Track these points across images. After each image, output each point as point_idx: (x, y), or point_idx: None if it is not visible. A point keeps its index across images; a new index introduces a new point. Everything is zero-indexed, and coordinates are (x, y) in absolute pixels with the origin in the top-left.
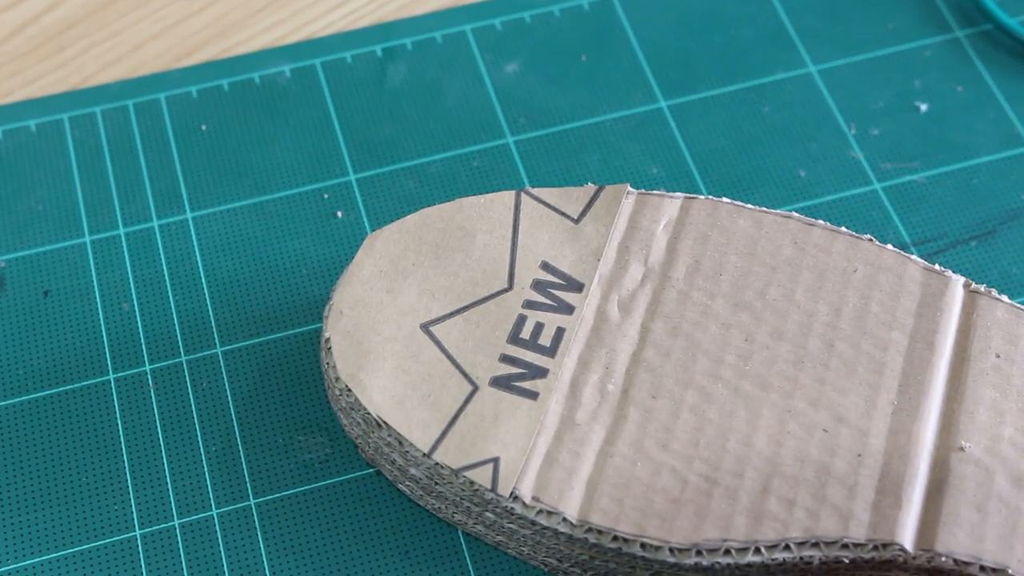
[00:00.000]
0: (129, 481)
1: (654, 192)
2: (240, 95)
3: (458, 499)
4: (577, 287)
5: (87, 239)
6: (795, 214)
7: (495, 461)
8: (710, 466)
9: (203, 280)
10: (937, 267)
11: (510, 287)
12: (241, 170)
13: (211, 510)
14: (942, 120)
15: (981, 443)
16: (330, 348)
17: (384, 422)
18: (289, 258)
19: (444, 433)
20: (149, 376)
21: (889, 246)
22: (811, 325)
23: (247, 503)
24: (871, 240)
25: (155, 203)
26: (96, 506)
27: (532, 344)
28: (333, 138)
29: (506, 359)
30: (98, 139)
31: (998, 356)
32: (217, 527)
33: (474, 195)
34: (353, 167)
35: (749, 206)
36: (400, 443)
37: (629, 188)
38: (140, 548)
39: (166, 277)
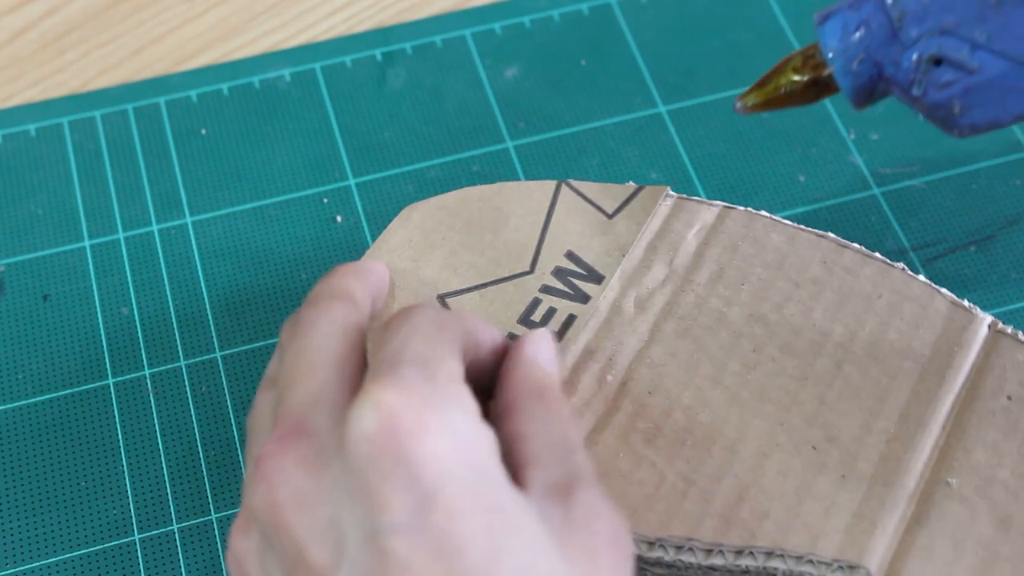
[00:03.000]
0: (128, 485)
1: (693, 198)
2: (240, 99)
3: None
4: (597, 279)
5: (87, 243)
6: (830, 234)
7: None
8: (691, 467)
9: (203, 284)
10: (965, 303)
11: (531, 270)
12: (241, 174)
13: (210, 514)
14: None
15: (972, 482)
16: None
17: None
18: (289, 262)
19: None
20: (148, 380)
21: (920, 277)
22: (823, 344)
23: None
24: (904, 269)
25: (155, 207)
26: (95, 510)
27: (541, 327)
28: (333, 142)
29: (513, 338)
30: (98, 143)
31: (1009, 398)
32: (216, 531)
33: (509, 182)
34: (353, 171)
35: (786, 222)
36: None
37: (669, 191)
38: (139, 552)
39: (166, 281)
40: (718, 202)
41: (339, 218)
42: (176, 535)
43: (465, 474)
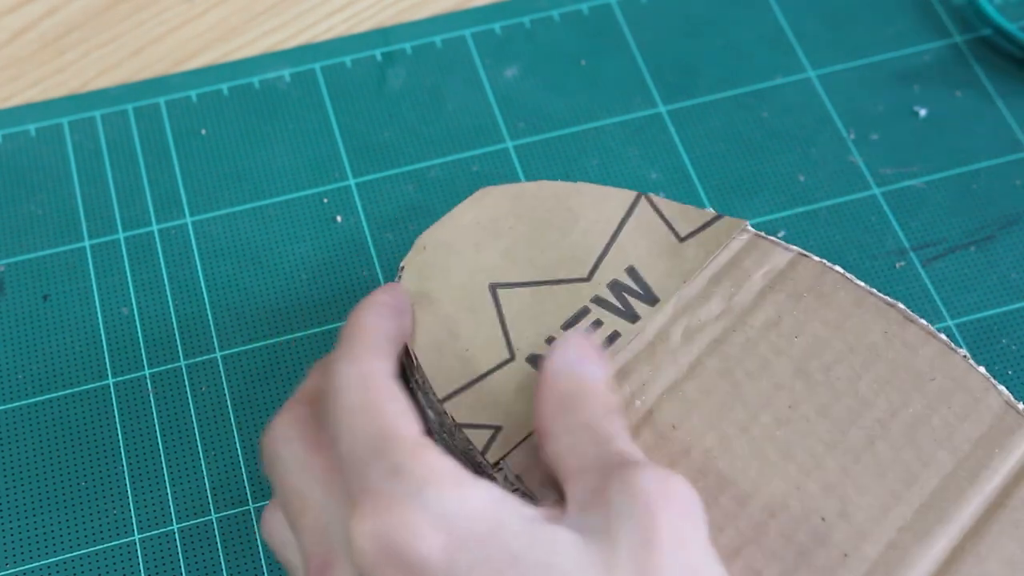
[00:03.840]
0: (128, 485)
1: (770, 238)
2: (240, 99)
3: (459, 454)
4: (652, 300)
5: (87, 243)
6: (900, 305)
7: (496, 429)
8: None
9: (203, 284)
10: (1021, 406)
11: (588, 279)
12: (241, 174)
13: (210, 514)
14: (941, 125)
15: None
16: (400, 277)
17: (416, 359)
18: (289, 262)
19: (464, 388)
20: (148, 380)
21: (981, 369)
22: (861, 415)
23: (246, 507)
24: (966, 357)
25: (155, 207)
26: (95, 510)
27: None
28: (333, 142)
29: (552, 343)
30: (98, 143)
31: None
32: (216, 531)
33: (589, 184)
34: (353, 171)
35: (858, 283)
36: (425, 382)
37: (747, 226)
38: (139, 552)
39: (165, 281)
40: (794, 247)
41: (339, 218)
42: (176, 535)
43: (469, 552)
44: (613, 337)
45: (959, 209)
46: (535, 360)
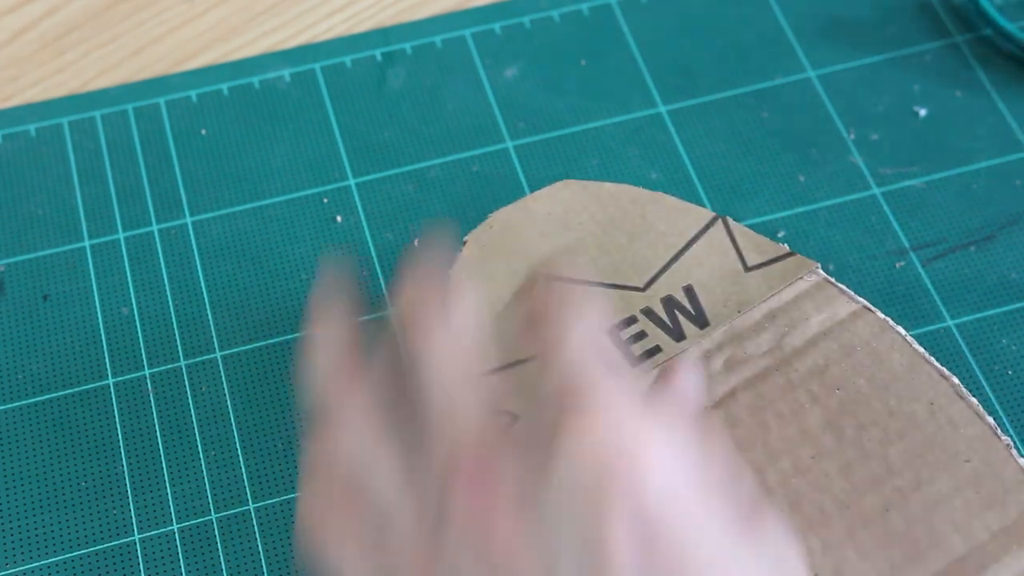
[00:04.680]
0: (128, 485)
1: (840, 285)
2: (240, 99)
3: None
4: (702, 323)
5: (87, 243)
6: (954, 379)
7: (514, 417)
8: None
9: (203, 284)
10: None
11: (643, 289)
12: (241, 174)
13: (210, 514)
14: (941, 125)
15: None
16: (461, 250)
17: None
18: (289, 262)
19: (496, 371)
20: (148, 380)
21: (1021, 460)
22: (884, 482)
23: (246, 507)
24: (1009, 446)
25: (155, 207)
26: (95, 510)
27: (623, 346)
28: (333, 142)
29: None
30: (98, 143)
31: None
32: (216, 531)
33: (671, 197)
34: (353, 171)
35: (918, 346)
36: None
37: (818, 268)
38: (139, 552)
39: (165, 281)
40: (860, 299)
41: (339, 218)
42: (176, 535)
43: (681, 505)
44: (653, 351)
45: (959, 209)
46: None
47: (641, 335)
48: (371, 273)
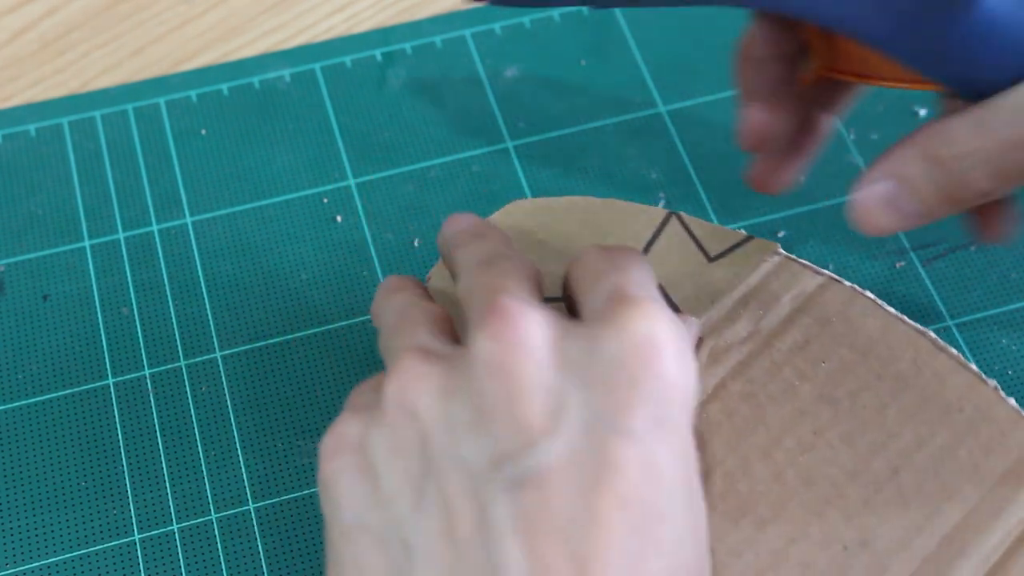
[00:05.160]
0: (128, 485)
1: (801, 261)
2: (240, 99)
3: None
4: None
5: (87, 243)
6: (930, 333)
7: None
8: (714, 535)
9: (203, 284)
10: None
11: None
12: (241, 174)
13: (210, 514)
14: None
15: None
16: (428, 286)
17: None
18: (289, 262)
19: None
20: (148, 381)
21: (1011, 400)
22: (887, 445)
23: (246, 507)
24: (996, 388)
25: (155, 207)
26: (95, 510)
27: None
28: (333, 142)
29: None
30: (98, 143)
31: None
32: (216, 531)
33: (622, 201)
34: (353, 171)
35: (889, 309)
36: None
37: (778, 248)
38: (139, 552)
39: (166, 281)
40: (825, 272)
41: (339, 218)
42: (176, 535)
43: (687, 406)
44: None
45: None
46: None
47: None
48: (371, 273)
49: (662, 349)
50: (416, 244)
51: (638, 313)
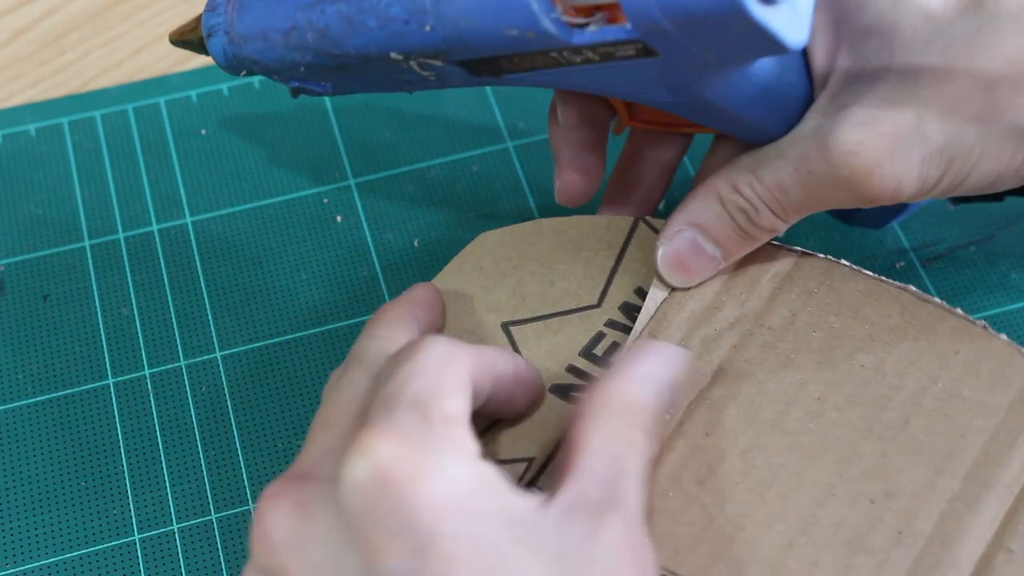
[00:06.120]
0: (128, 485)
1: (772, 242)
2: (240, 99)
3: None
4: (663, 317)
5: (87, 243)
6: (911, 287)
7: (529, 461)
8: (742, 511)
9: (203, 284)
10: None
11: (598, 304)
12: (241, 174)
13: (210, 514)
14: None
15: None
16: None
17: None
18: (289, 262)
19: (492, 426)
20: (148, 380)
21: (1002, 336)
22: (892, 397)
23: (246, 507)
24: (985, 327)
25: (155, 207)
26: (95, 510)
27: (603, 361)
28: (333, 142)
29: (573, 370)
30: (98, 143)
31: None
32: (216, 531)
33: (586, 216)
34: (353, 172)
35: (867, 272)
36: None
37: None
38: (139, 552)
39: (165, 281)
40: (796, 248)
41: (339, 218)
42: (176, 535)
43: (460, 518)
44: None
45: (959, 209)
46: (559, 390)
47: (614, 346)
48: (371, 273)
49: (389, 481)
50: (416, 244)
51: (359, 453)
